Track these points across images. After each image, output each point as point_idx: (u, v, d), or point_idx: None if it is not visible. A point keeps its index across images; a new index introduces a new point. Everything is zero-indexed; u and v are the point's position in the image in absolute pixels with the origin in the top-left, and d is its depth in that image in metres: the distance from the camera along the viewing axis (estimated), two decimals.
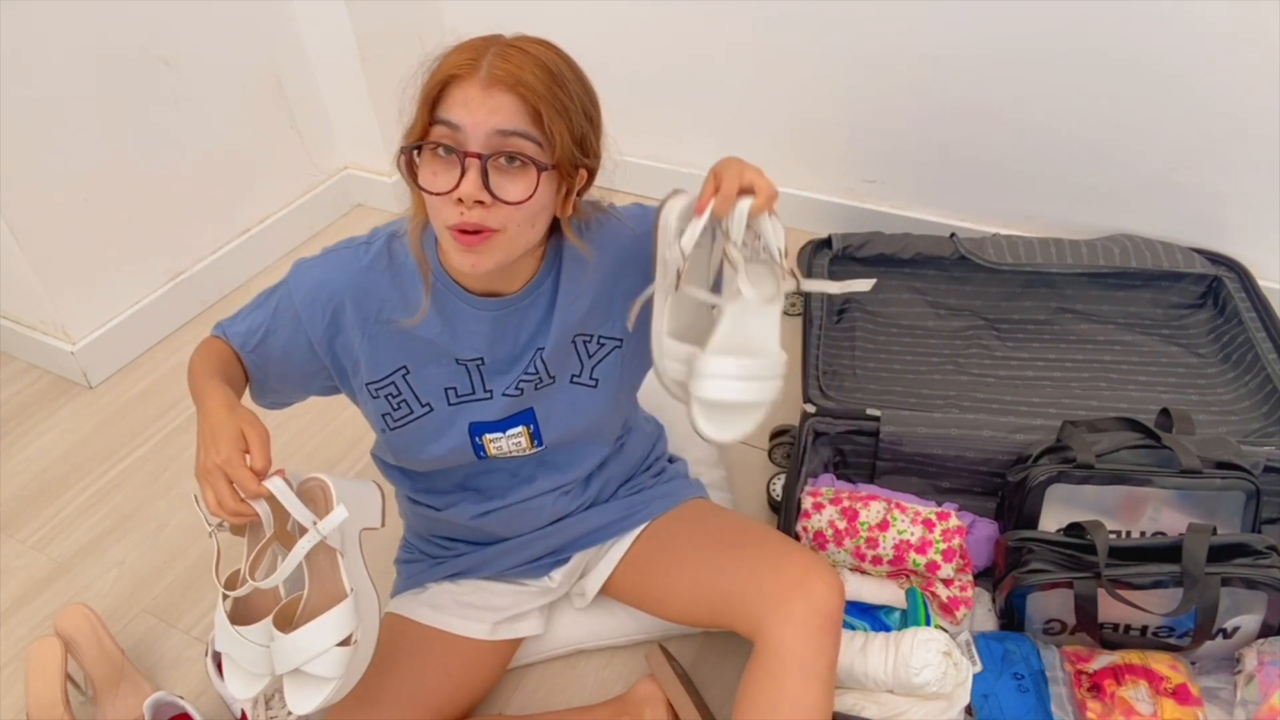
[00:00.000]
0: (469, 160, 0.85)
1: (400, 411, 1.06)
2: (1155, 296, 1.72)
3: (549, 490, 1.17)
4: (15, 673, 1.36)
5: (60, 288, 1.80)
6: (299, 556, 0.89)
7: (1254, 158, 1.69)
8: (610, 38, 2.10)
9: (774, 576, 1.04)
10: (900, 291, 1.78)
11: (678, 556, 1.18)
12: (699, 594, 1.13)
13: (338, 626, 0.91)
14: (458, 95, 0.86)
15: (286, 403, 1.12)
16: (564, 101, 0.87)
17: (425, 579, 1.24)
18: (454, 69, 0.86)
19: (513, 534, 1.20)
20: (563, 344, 1.05)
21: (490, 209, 0.86)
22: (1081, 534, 1.17)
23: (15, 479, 1.69)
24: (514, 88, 0.85)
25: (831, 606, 1.01)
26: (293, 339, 1.02)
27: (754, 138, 2.14)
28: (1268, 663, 1.11)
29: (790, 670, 0.99)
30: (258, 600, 0.96)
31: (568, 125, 0.88)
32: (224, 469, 0.84)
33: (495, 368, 1.05)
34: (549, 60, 0.88)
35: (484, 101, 0.85)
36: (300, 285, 1.01)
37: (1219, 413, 1.53)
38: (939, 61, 1.84)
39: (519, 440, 1.10)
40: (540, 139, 0.87)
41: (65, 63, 1.68)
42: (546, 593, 1.25)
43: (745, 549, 1.11)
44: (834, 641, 1.01)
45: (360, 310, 1.01)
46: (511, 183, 0.87)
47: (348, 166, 2.37)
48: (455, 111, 0.85)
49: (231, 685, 0.94)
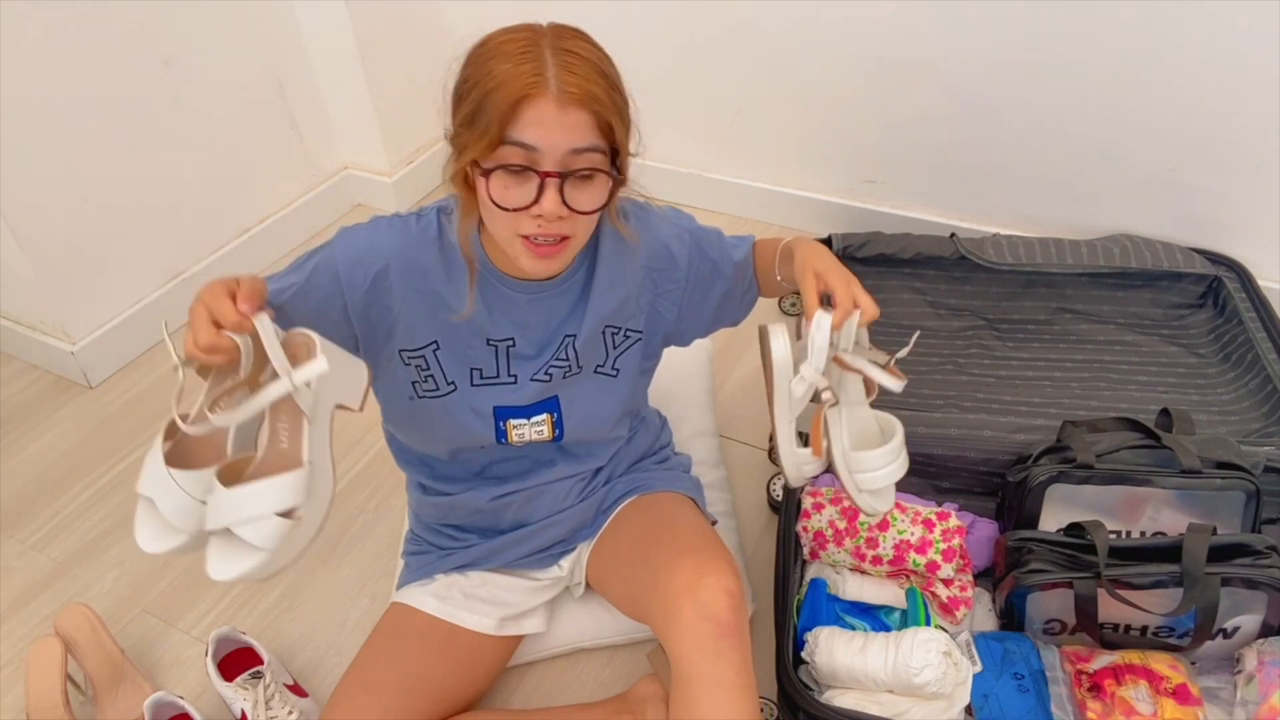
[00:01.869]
0: (548, 180, 0.87)
1: (427, 384, 1.08)
2: (1155, 296, 1.72)
3: (566, 476, 1.19)
4: (15, 673, 1.36)
5: (60, 288, 1.80)
6: (265, 402, 0.82)
7: (1254, 158, 1.69)
8: (610, 38, 2.08)
9: (667, 583, 1.02)
10: (900, 291, 1.78)
11: (621, 549, 1.20)
12: (627, 593, 1.16)
13: (282, 494, 0.83)
14: (530, 115, 0.86)
15: None
16: (620, 106, 0.91)
17: (433, 570, 1.24)
18: (525, 89, 0.85)
19: (526, 519, 1.21)
20: (594, 334, 1.07)
21: (566, 219, 0.90)
22: (1081, 534, 1.17)
23: (15, 479, 1.69)
24: (587, 104, 0.87)
25: (721, 610, 0.98)
26: (325, 301, 1.00)
27: (754, 138, 2.14)
28: (1268, 663, 1.11)
29: (696, 685, 0.98)
30: (200, 448, 0.88)
31: (626, 129, 0.92)
32: (206, 302, 0.81)
33: (524, 351, 1.07)
34: (601, 62, 0.90)
35: (559, 120, 0.86)
36: (346, 247, 1.01)
37: (1219, 413, 1.53)
38: (939, 62, 1.84)
39: (541, 428, 1.11)
40: (607, 149, 0.90)
41: (65, 63, 1.68)
42: (555, 584, 1.27)
43: (659, 549, 1.10)
44: (735, 644, 0.98)
45: (404, 277, 1.01)
46: (584, 193, 0.90)
47: (348, 166, 2.37)
48: (528, 132, 0.86)
49: (141, 536, 0.87)
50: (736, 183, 2.21)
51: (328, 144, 2.30)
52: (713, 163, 2.22)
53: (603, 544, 1.24)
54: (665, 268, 1.09)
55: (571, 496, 1.21)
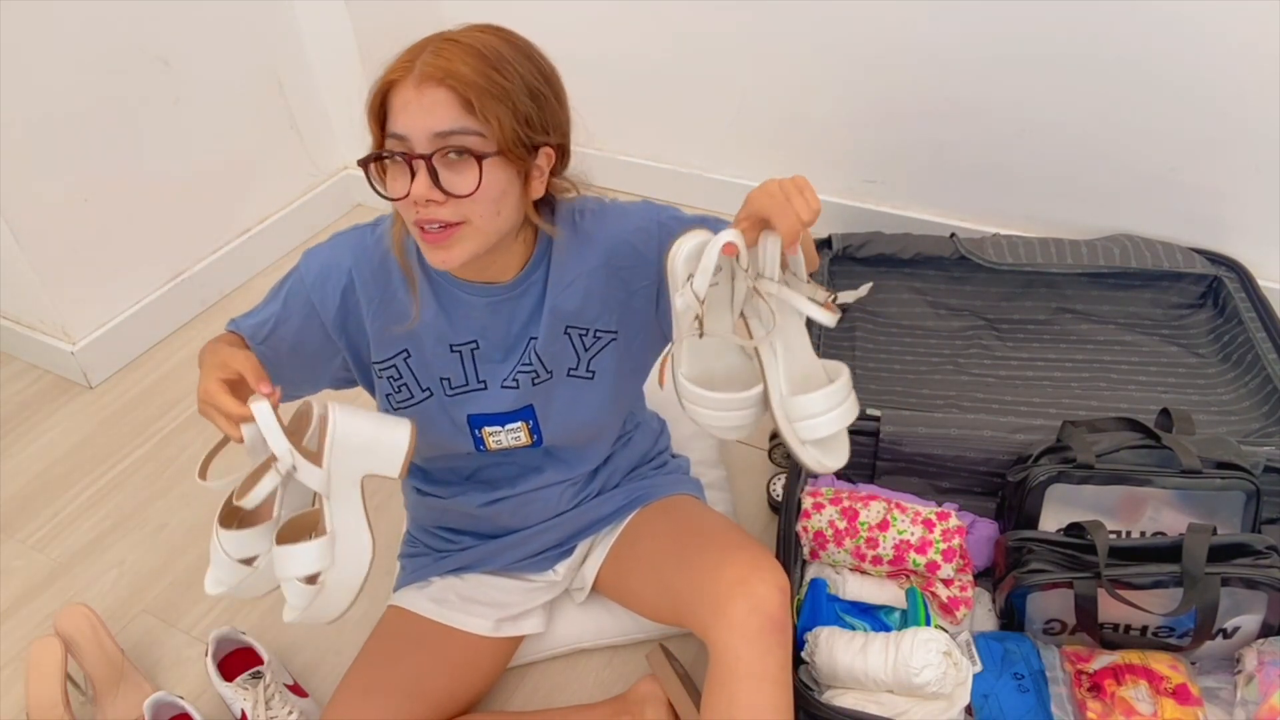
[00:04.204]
0: (415, 163, 0.87)
1: (401, 395, 1.07)
2: (1155, 296, 1.72)
3: (557, 482, 1.18)
4: (15, 673, 1.36)
5: (60, 288, 1.80)
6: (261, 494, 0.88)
7: (1254, 158, 1.69)
8: (610, 37, 2.09)
9: (717, 577, 1.03)
10: (900, 291, 1.78)
11: (645, 553, 1.19)
12: (659, 593, 1.15)
13: (305, 560, 0.90)
14: (397, 101, 0.88)
15: (301, 395, 1.11)
16: (501, 84, 0.88)
17: (429, 573, 1.24)
18: (391, 74, 0.88)
19: (521, 524, 1.21)
20: (555, 335, 1.06)
21: (445, 205, 0.88)
22: (1081, 534, 1.17)
23: (15, 479, 1.69)
24: (443, 81, 0.86)
25: (773, 605, 1.00)
26: (306, 325, 1.02)
27: (753, 138, 2.14)
28: (1268, 663, 1.11)
29: (740, 677, 0.98)
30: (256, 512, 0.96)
31: (508, 108, 0.88)
32: (206, 398, 0.87)
33: (489, 355, 1.06)
34: (484, 45, 0.88)
35: (419, 102, 0.87)
36: (310, 270, 1.02)
37: (1219, 413, 1.53)
38: (939, 61, 1.84)
39: (518, 434, 1.10)
40: (479, 129, 0.88)
41: (65, 63, 1.68)
42: (551, 587, 1.26)
43: (698, 547, 1.11)
44: (780, 641, 1.00)
45: (367, 290, 1.02)
46: (459, 176, 0.88)
47: (348, 166, 2.37)
48: (398, 118, 0.88)
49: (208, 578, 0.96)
50: (736, 183, 2.21)
51: (328, 144, 2.30)
52: (713, 163, 2.22)
53: (620, 551, 1.23)
54: (633, 264, 1.05)
55: (565, 501, 1.20)
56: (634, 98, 2.11)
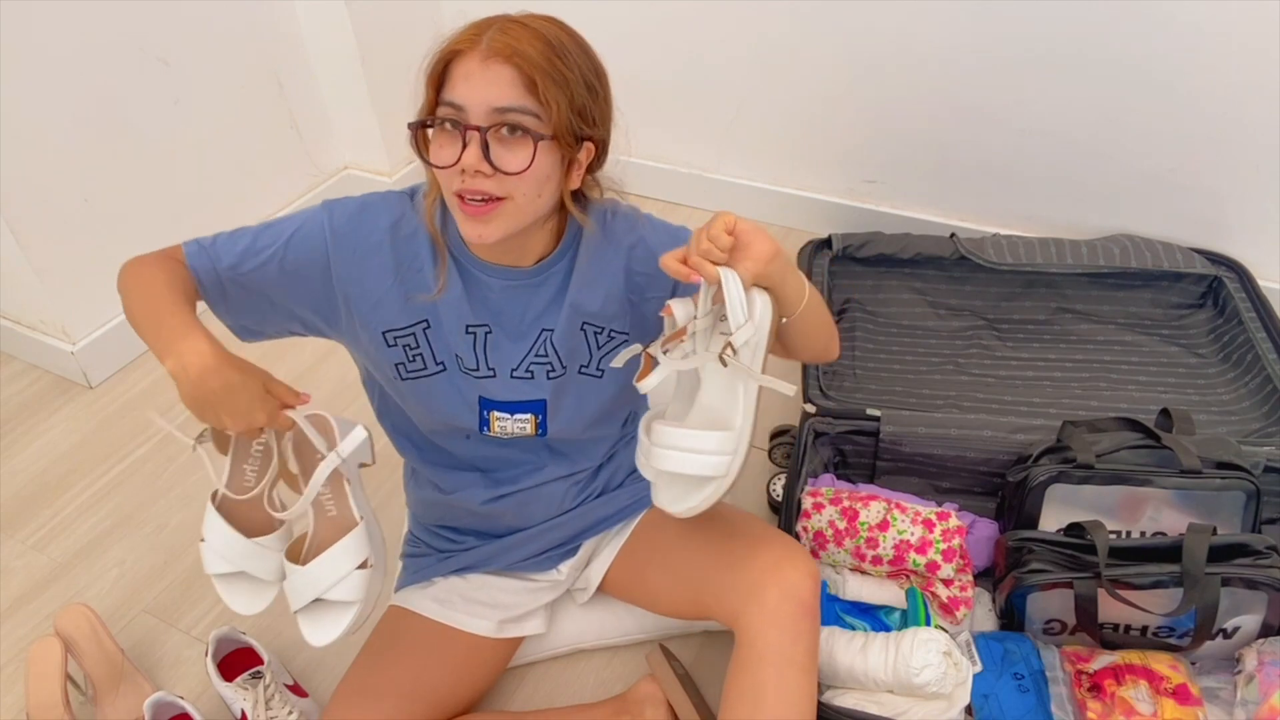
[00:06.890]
0: (470, 134, 0.88)
1: (415, 364, 1.07)
2: (1155, 296, 1.72)
3: (559, 478, 1.18)
4: (15, 673, 1.36)
5: (60, 288, 1.80)
6: (321, 479, 0.93)
7: (1254, 158, 1.69)
8: (610, 38, 2.08)
9: (748, 565, 1.05)
10: (900, 291, 1.78)
11: (664, 548, 1.19)
12: (682, 585, 1.15)
13: (356, 551, 0.95)
14: (459, 71, 0.89)
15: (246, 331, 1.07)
16: (563, 72, 0.89)
17: (432, 573, 1.24)
18: (456, 44, 0.89)
19: (524, 523, 1.21)
20: (572, 330, 1.06)
21: (491, 178, 0.89)
22: (1081, 534, 1.17)
23: (15, 479, 1.69)
24: (510, 59, 0.87)
25: (805, 592, 1.02)
26: (307, 265, 0.99)
27: (754, 138, 2.14)
28: (1268, 663, 1.11)
29: (769, 661, 0.99)
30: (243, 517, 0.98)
31: (567, 96, 0.89)
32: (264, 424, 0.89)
33: (500, 341, 1.06)
34: (549, 32, 0.90)
35: (483, 74, 0.87)
36: (339, 219, 1.00)
37: (1219, 413, 1.53)
38: (939, 62, 1.84)
39: (524, 425, 1.11)
40: (538, 110, 0.89)
41: (65, 62, 1.68)
42: (554, 587, 1.26)
43: (724, 538, 1.11)
44: (811, 627, 1.02)
45: (398, 253, 1.02)
46: (511, 153, 0.89)
47: (348, 166, 2.37)
48: (457, 88, 0.89)
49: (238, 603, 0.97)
50: (736, 183, 2.21)
51: (328, 144, 2.30)
52: (713, 163, 2.22)
53: (635, 548, 1.22)
54: (653, 272, 1.04)
55: (568, 500, 1.20)
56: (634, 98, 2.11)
